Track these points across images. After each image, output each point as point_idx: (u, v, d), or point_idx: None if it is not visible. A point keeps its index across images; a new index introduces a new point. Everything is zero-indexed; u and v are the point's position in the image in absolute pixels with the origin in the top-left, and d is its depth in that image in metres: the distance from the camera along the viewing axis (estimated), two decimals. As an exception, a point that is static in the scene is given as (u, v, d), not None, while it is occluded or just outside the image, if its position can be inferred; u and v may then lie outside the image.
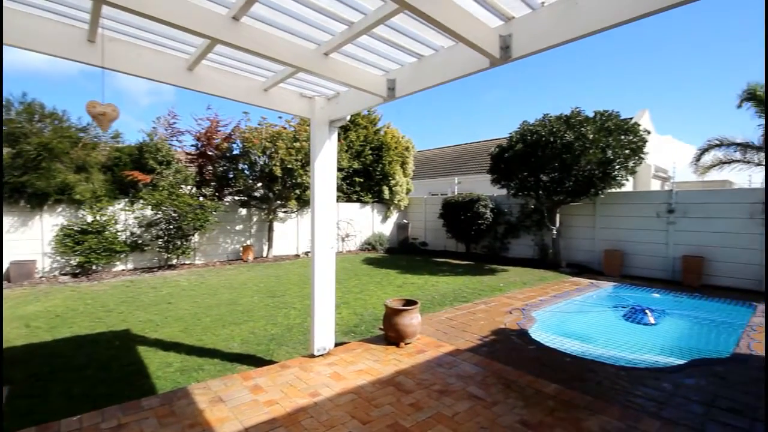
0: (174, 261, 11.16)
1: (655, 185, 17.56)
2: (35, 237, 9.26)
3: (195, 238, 11.68)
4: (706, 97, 48.37)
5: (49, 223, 9.43)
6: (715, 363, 4.46)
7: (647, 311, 6.69)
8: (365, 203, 16.42)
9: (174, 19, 2.29)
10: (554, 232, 11.38)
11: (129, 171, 10.35)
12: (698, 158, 16.24)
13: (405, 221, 17.12)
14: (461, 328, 5.62)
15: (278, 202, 12.91)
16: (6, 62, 2.73)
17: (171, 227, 10.55)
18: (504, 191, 11.95)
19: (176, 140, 12.42)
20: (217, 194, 12.76)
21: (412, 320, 4.80)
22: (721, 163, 15.84)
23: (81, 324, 5.86)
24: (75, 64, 2.85)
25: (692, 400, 3.54)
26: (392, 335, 4.80)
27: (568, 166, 9.81)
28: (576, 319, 6.70)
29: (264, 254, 13.41)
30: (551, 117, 10.57)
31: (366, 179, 16.54)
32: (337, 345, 4.79)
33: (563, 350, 4.89)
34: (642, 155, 9.94)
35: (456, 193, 14.69)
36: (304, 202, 13.17)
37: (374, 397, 3.46)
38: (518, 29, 2.44)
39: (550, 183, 10.33)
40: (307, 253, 13.95)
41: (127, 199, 10.50)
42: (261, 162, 12.09)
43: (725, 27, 45.81)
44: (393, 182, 16.43)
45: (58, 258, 9.48)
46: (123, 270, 10.43)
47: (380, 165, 16.42)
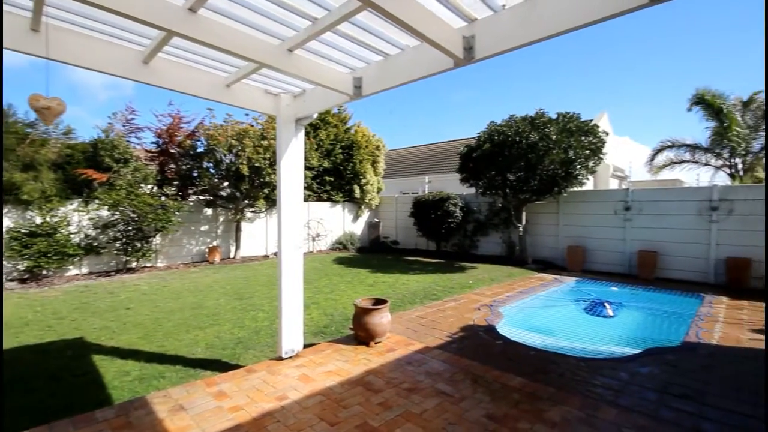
0: (133, 264, 10.63)
1: (614, 184, 18.47)
2: (-24, 240, 8.56)
3: (156, 240, 11.18)
4: (661, 101, 51.55)
5: (-8, 226, 8.75)
6: (667, 352, 4.73)
7: (606, 304, 7.01)
8: (336, 202, 16.30)
9: (125, 9, 2.16)
10: (521, 230, 11.73)
11: (83, 169, 9.76)
12: (652, 158, 17.26)
13: (376, 220, 17.13)
14: (431, 326, 5.68)
15: (246, 202, 12.58)
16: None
17: (130, 228, 10.04)
18: (473, 190, 12.18)
19: (135, 137, 11.83)
20: (181, 194, 12.26)
21: (382, 319, 4.80)
22: (673, 163, 16.90)
23: (30, 333, 5.46)
24: (23, 55, 2.64)
25: (646, 388, 3.74)
26: (362, 335, 4.78)
27: (533, 166, 10.13)
28: (541, 314, 6.93)
29: (231, 255, 13.03)
30: (517, 118, 10.88)
31: (337, 178, 16.41)
32: (306, 346, 4.72)
33: (528, 344, 5.04)
34: (601, 155, 10.42)
35: (427, 192, 14.85)
36: (273, 202, 12.90)
37: (343, 398, 3.44)
38: (481, 31, 2.48)
39: (517, 182, 10.63)
40: (276, 254, 13.68)
41: (81, 199, 9.89)
42: (227, 160, 11.73)
43: (677, 34, 48.92)
44: (364, 181, 16.39)
45: (4, 263, 8.80)
46: (77, 275, 9.82)
47: (351, 164, 16.34)
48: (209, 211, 12.63)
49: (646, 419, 3.14)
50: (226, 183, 12.23)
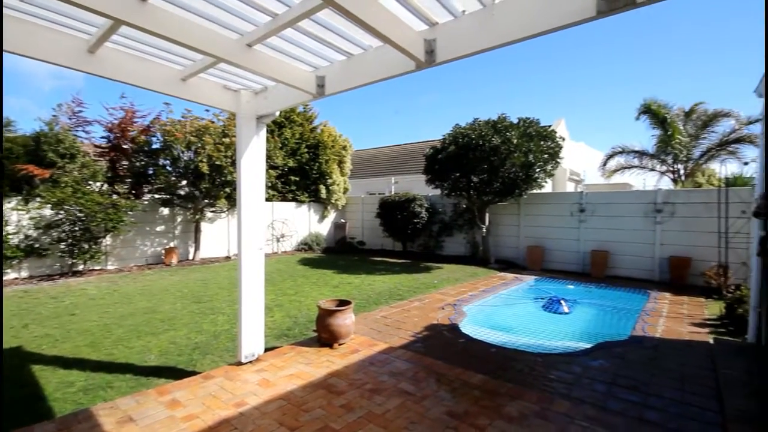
0: (81, 267, 9.93)
1: (570, 187, 19.39)
2: None
3: (107, 241, 10.51)
4: (615, 108, 54.86)
5: None
6: (616, 345, 5.02)
7: (562, 301, 7.34)
8: (301, 202, 16.03)
9: (66, -7, 2.01)
10: (484, 231, 12.06)
11: (22, 165, 9.00)
12: (604, 163, 18.31)
13: (343, 221, 17.02)
14: (396, 326, 5.70)
15: (206, 201, 12.09)
16: None
17: (76, 229, 9.37)
18: (438, 191, 12.39)
19: (83, 131, 11.10)
20: (134, 192, 11.60)
21: (346, 320, 4.77)
22: (623, 168, 18.02)
23: (-45, 344, 4.96)
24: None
25: (597, 380, 3.94)
26: (326, 336, 4.72)
27: (496, 168, 10.44)
28: (502, 312, 7.15)
29: (190, 257, 12.48)
30: (481, 121, 11.17)
31: (302, 178, 16.15)
32: (268, 350, 4.60)
33: (490, 342, 5.18)
34: (558, 159, 10.91)
35: (393, 193, 14.93)
36: (235, 201, 12.48)
37: (305, 402, 3.37)
38: (442, 35, 2.52)
39: (480, 184, 10.92)
40: (239, 255, 13.25)
41: (21, 197, 9.12)
42: (185, 158, 11.23)
43: (628, 44, 52.28)
44: (330, 181, 16.24)
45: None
46: (16, 278, 9.04)
47: (317, 163, 16.13)
48: (166, 211, 12.04)
49: (596, 410, 3.31)
50: (185, 182, 11.70)
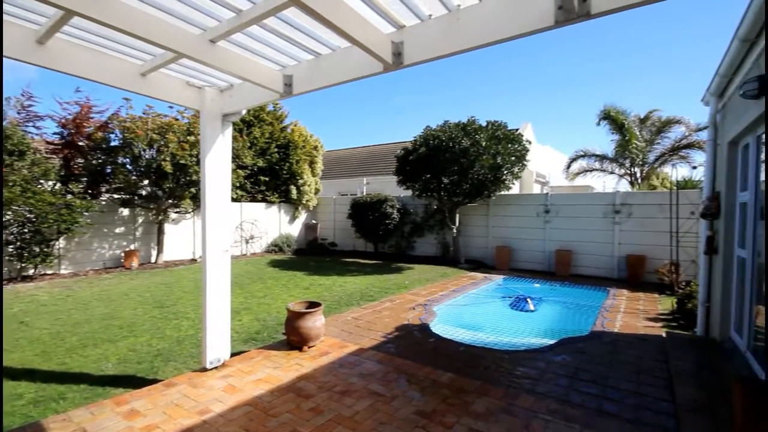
0: (31, 271, 9.30)
1: (537, 189, 20.08)
2: None
3: (60, 244, 9.90)
4: (580, 113, 57.32)
5: None
6: (578, 341, 5.23)
7: (528, 299, 7.58)
8: (271, 203, 15.72)
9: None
10: (454, 231, 12.27)
11: (-37, 162, 8.32)
12: (568, 166, 19.08)
13: (314, 222, 16.83)
14: (367, 327, 5.69)
15: (170, 202, 11.61)
16: None
17: (26, 231, 8.76)
18: (410, 192, 12.49)
19: (33, 126, 10.40)
20: (91, 192, 10.98)
21: (316, 322, 4.71)
22: (585, 171, 18.84)
23: None
24: None
25: (560, 375, 4.09)
26: (295, 339, 4.65)
27: (465, 170, 10.65)
28: (471, 311, 7.29)
29: (152, 260, 11.95)
30: (451, 124, 11.37)
31: (272, 178, 15.84)
32: (235, 355, 4.48)
33: (459, 340, 5.26)
34: (525, 162, 11.27)
35: (365, 194, 14.91)
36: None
37: (272, 407, 3.31)
38: (409, 38, 2.54)
39: (450, 185, 11.10)
40: (206, 257, 12.83)
41: (-39, 197, 8.43)
42: (147, 156, 10.74)
43: (589, 52, 54.81)
44: (301, 182, 16.02)
45: None
46: (-45, 285, 8.34)
47: (287, 164, 15.87)
48: (126, 212, 11.48)
49: (558, 403, 3.43)
50: (146, 181, 11.18)
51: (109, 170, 10.92)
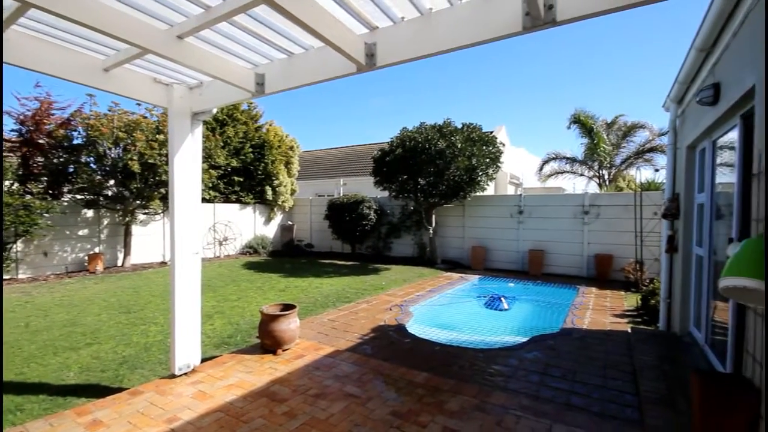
0: (-15, 277, 8.74)
1: (511, 190, 20.53)
2: None
3: (18, 247, 9.35)
4: (553, 116, 59.06)
5: None
6: (549, 338, 5.38)
7: (502, 298, 7.74)
8: (246, 204, 15.41)
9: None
10: (431, 232, 12.38)
11: None
12: (541, 168, 19.64)
13: (290, 223, 16.60)
14: (343, 329, 5.66)
15: (138, 203, 11.17)
16: None
17: (-21, 234, 8.24)
18: (387, 193, 12.52)
19: (-12, 123, 9.75)
20: (52, 192, 10.44)
21: (290, 325, 4.64)
22: (557, 173, 19.45)
23: None
24: None
25: (531, 371, 4.19)
26: (269, 343, 4.57)
27: (441, 171, 10.77)
28: (447, 311, 7.37)
29: (119, 263, 11.47)
30: (427, 125, 11.47)
31: (247, 178, 15.53)
32: (206, 360, 4.36)
33: (434, 340, 5.31)
34: (499, 164, 11.51)
35: (342, 195, 14.83)
36: (172, 203, 11.68)
37: (244, 412, 3.23)
38: (382, 39, 2.55)
39: (427, 186, 11.20)
40: (177, 260, 12.42)
41: None
42: (113, 155, 10.30)
43: (563, 54, 56.73)
44: (277, 182, 15.77)
45: None
46: None
47: (262, 164, 15.59)
48: (90, 213, 10.96)
49: (529, 399, 3.52)
50: (113, 181, 10.72)
51: (72, 169, 10.41)
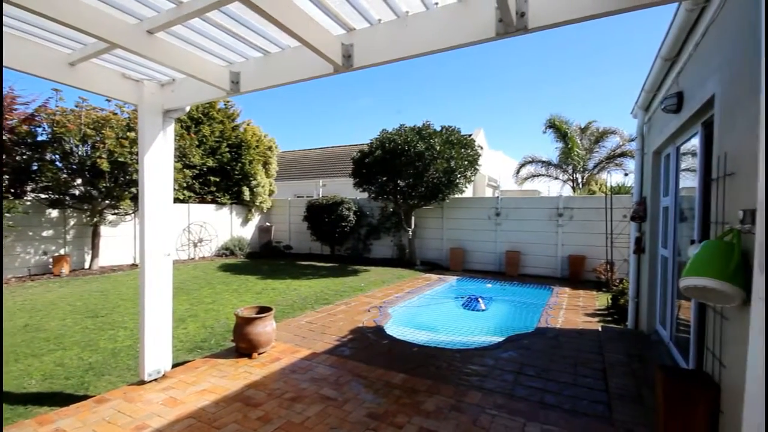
0: (-63, 280, 8.21)
1: (489, 192, 20.89)
2: None
3: (-25, 249, 8.83)
4: (529, 121, 60.49)
5: None
6: (524, 337, 5.49)
7: (480, 299, 7.85)
8: (222, 204, 15.07)
9: None
10: (410, 233, 12.44)
11: None
12: (518, 171, 20.07)
13: (268, 224, 16.34)
14: (320, 331, 5.61)
15: (107, 202, 10.75)
16: None
17: (-69, 235, 7.73)
18: (366, 195, 12.50)
19: (-57, 117, 9.19)
20: (13, 191, 9.92)
21: (266, 328, 4.57)
22: (533, 176, 19.93)
23: None
24: None
25: (506, 371, 4.27)
26: (244, 346, 4.48)
27: (421, 173, 10.85)
28: (425, 312, 7.42)
29: (86, 265, 11.00)
30: (407, 128, 11.54)
31: (223, 179, 15.19)
32: (178, 365, 4.23)
33: (412, 341, 5.33)
34: (477, 166, 11.69)
35: (321, 196, 14.72)
36: (145, 203, 11.29)
37: (217, 418, 3.15)
38: (359, 41, 2.55)
39: (406, 188, 11.26)
40: (149, 262, 12.02)
41: None
42: (80, 153, 9.88)
43: (537, 64, 58.29)
44: (254, 183, 15.50)
45: None
46: None
47: (239, 164, 15.30)
48: (55, 213, 10.48)
49: (504, 398, 3.58)
50: (80, 180, 10.28)
51: (36, 167, 9.93)
